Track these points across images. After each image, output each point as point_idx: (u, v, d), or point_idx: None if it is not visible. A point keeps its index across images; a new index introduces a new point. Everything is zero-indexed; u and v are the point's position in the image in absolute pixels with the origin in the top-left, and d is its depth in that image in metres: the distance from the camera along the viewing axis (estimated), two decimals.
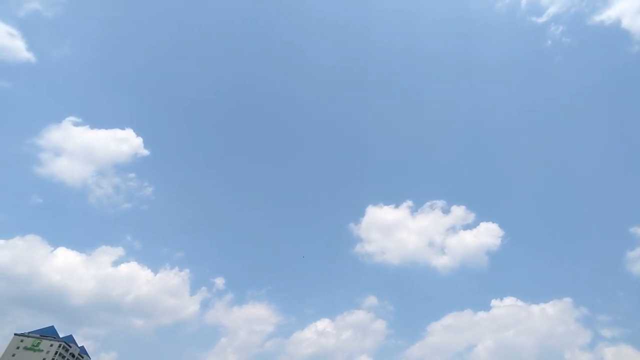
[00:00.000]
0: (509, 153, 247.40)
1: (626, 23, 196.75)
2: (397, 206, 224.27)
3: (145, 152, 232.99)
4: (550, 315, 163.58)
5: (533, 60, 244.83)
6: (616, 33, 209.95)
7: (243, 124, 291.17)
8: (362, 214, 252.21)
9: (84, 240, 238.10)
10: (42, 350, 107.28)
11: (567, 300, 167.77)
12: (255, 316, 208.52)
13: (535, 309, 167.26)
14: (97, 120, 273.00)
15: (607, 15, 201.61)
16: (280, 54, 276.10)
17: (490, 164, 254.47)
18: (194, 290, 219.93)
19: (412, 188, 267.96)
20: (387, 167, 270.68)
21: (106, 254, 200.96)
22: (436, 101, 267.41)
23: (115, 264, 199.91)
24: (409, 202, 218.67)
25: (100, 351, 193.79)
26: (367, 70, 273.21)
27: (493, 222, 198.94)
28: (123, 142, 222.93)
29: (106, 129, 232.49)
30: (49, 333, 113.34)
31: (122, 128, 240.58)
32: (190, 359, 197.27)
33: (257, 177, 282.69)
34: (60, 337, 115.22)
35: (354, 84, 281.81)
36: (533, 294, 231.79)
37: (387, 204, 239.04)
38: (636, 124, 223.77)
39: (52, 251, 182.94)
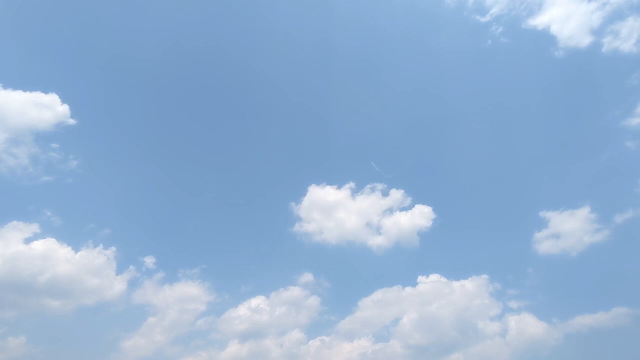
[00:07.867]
0: (448, 143, 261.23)
1: (554, 29, 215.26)
2: (339, 187, 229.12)
3: (72, 121, 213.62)
4: (469, 290, 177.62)
5: (476, 58, 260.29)
6: (545, 38, 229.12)
7: (180, 95, 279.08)
8: (303, 193, 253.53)
9: None
10: None
11: (484, 276, 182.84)
12: (187, 295, 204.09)
13: (456, 284, 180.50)
14: (11, 79, 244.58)
15: (540, 20, 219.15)
16: (226, 19, 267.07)
17: (431, 152, 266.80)
18: (120, 269, 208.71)
19: (356, 170, 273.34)
20: (333, 148, 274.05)
21: (17, 230, 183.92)
22: (387, 88, 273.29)
23: (28, 240, 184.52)
24: (352, 184, 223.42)
25: (7, 335, 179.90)
26: (322, 47, 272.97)
27: (428, 205, 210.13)
28: (45, 108, 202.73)
29: (24, 91, 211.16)
30: None
31: (45, 92, 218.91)
32: (113, 339, 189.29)
33: (192, 152, 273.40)
34: None
35: (307, 58, 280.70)
36: (455, 271, 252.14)
37: (330, 184, 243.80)
38: (550, 122, 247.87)
39: None
